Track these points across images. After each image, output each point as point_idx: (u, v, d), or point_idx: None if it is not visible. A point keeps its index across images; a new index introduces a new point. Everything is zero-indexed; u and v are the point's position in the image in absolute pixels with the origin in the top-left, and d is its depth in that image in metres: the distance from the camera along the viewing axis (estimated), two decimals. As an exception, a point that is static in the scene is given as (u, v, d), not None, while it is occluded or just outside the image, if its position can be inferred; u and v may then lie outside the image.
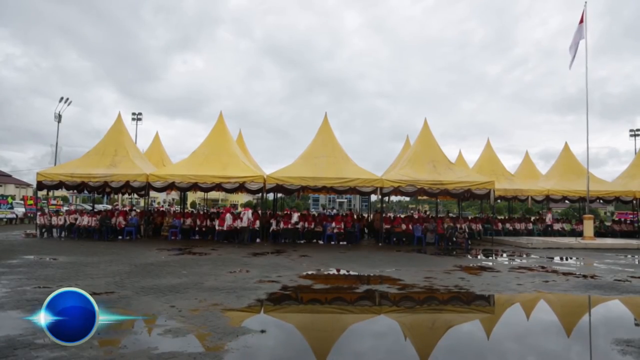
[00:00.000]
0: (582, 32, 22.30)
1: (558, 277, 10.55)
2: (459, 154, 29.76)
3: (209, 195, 34.93)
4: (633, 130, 49.81)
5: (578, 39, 22.57)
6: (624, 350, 5.07)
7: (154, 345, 4.84)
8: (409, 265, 12.41)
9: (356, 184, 19.18)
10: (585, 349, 5.43)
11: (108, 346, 4.81)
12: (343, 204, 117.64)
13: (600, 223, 28.85)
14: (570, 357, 5.11)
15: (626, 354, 4.94)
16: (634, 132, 49.61)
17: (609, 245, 19.96)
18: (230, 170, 19.24)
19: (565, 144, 28.26)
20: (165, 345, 4.83)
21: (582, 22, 22.31)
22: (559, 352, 5.23)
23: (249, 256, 13.70)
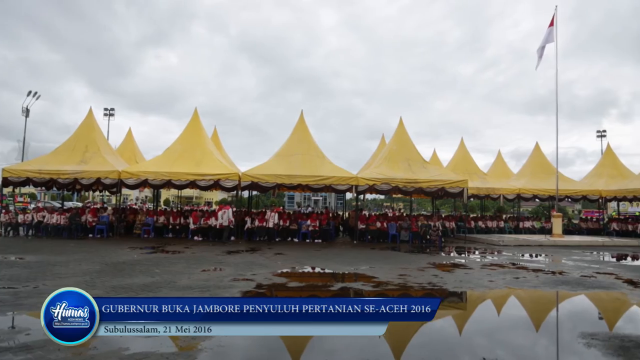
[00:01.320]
0: (551, 35, 22.78)
1: (528, 274, 10.76)
2: (433, 153, 30.10)
3: (183, 193, 34.49)
4: (599, 132, 51.30)
5: (546, 41, 23.04)
6: (589, 343, 5.23)
7: (125, 345, 4.74)
8: (384, 263, 12.48)
9: (332, 182, 19.19)
10: (552, 343, 5.56)
11: (77, 347, 4.69)
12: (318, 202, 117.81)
13: (568, 221, 29.62)
14: (538, 350, 5.21)
15: (591, 347, 5.08)
16: (600, 133, 51.08)
17: (576, 242, 20.48)
18: (205, 168, 19.03)
19: (536, 144, 28.87)
20: (137, 346, 4.74)
21: (552, 25, 22.79)
22: (527, 346, 5.33)
23: (223, 254, 13.58)
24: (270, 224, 19.12)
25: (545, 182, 25.57)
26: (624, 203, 32.64)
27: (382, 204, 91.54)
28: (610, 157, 29.84)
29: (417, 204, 63.79)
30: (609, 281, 9.96)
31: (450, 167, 26.82)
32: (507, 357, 4.65)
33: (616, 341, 5.31)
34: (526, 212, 42.65)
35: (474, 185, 23.92)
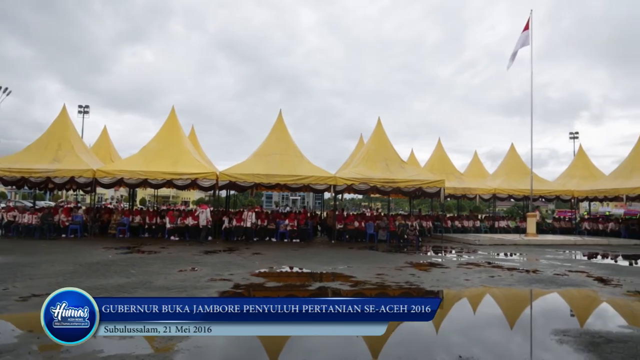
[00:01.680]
0: (526, 38, 23.18)
1: (503, 272, 10.94)
2: (411, 153, 30.36)
3: (160, 192, 34.04)
4: (572, 133, 52.61)
5: (521, 45, 23.45)
6: (561, 339, 5.35)
7: (99, 348, 4.66)
8: (361, 262, 12.54)
9: (310, 181, 19.20)
10: (526, 340, 5.66)
11: (49, 351, 4.59)
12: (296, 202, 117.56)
13: (542, 220, 30.21)
14: (512, 347, 5.30)
15: (563, 343, 5.20)
16: (572, 135, 52.36)
17: (549, 241, 20.91)
18: (182, 167, 18.83)
19: (511, 145, 29.38)
20: (111, 348, 4.66)
21: (526, 29, 23.20)
22: (502, 344, 5.43)
23: (200, 254, 13.46)
24: (247, 224, 19.03)
25: (520, 183, 26.04)
26: (595, 203, 33.50)
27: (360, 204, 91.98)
28: (582, 158, 30.58)
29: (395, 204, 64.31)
30: (580, 279, 10.19)
31: (428, 167, 27.08)
32: (482, 355, 4.71)
33: (587, 337, 5.44)
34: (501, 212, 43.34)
35: (451, 185, 24.21)
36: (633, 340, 5.36)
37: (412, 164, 25.34)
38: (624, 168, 25.47)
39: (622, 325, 6.29)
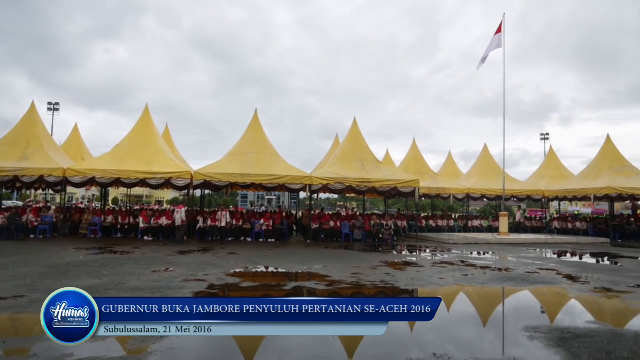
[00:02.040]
0: (498, 41, 23.56)
1: (476, 271, 11.12)
2: (386, 153, 30.56)
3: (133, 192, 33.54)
4: (543, 135, 53.87)
5: (494, 47, 23.83)
6: (532, 336, 5.47)
7: (69, 351, 4.56)
8: (337, 262, 12.57)
9: (285, 181, 19.16)
10: (498, 337, 5.77)
11: (15, 356, 4.47)
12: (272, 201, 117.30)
13: (513, 220, 30.81)
14: (484, 344, 5.39)
15: (534, 339, 5.32)
16: (543, 136, 53.60)
17: (521, 240, 21.33)
18: (156, 166, 18.56)
19: (484, 146, 29.87)
20: (82, 351, 4.57)
21: (499, 32, 23.59)
22: (475, 341, 5.51)
23: (174, 254, 13.30)
24: (222, 224, 18.87)
25: (493, 183, 26.50)
26: (564, 202, 34.27)
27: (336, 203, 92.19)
28: (552, 159, 31.33)
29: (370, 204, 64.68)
30: (550, 277, 10.43)
31: (403, 167, 27.31)
32: (456, 353, 4.78)
33: (556, 333, 5.57)
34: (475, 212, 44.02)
35: (426, 185, 24.47)
36: (599, 336, 5.51)
37: (388, 164, 25.52)
38: (591, 169, 26.21)
39: (590, 321, 6.46)
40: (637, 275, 10.98)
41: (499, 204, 29.13)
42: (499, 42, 23.46)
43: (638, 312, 7.21)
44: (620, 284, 9.48)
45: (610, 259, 15.18)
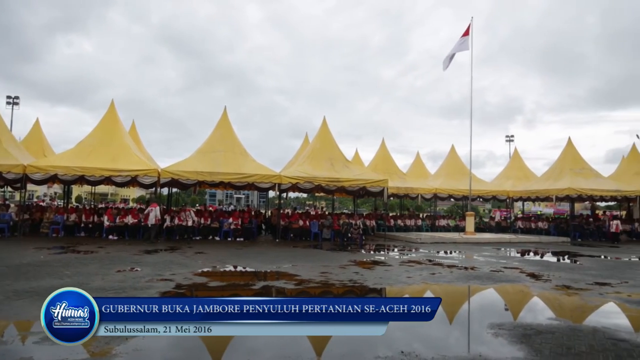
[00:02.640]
0: (465, 43, 23.96)
1: (443, 270, 11.31)
2: (355, 153, 30.75)
3: (97, 189, 32.69)
4: (508, 137, 55.19)
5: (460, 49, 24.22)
6: (497, 333, 5.60)
7: (27, 355, 4.42)
8: (306, 261, 12.58)
9: (254, 179, 19.05)
10: (464, 334, 5.89)
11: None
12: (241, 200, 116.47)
13: (479, 219, 31.48)
14: (450, 342, 5.48)
15: (499, 336, 5.44)
16: (508, 138, 54.94)
17: (486, 239, 21.81)
18: (122, 163, 18.14)
19: (451, 147, 30.40)
20: (42, 355, 4.43)
21: (466, 35, 23.99)
22: (441, 338, 5.60)
23: (140, 254, 13.05)
24: (188, 222, 18.59)
25: (460, 183, 27.00)
26: (528, 203, 35.23)
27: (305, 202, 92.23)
28: (517, 160, 32.15)
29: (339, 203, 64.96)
30: (514, 275, 10.70)
31: (372, 166, 27.53)
32: (423, 350, 4.85)
33: (520, 330, 5.72)
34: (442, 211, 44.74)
35: (394, 184, 24.73)
36: (560, 331, 5.69)
37: (357, 164, 25.68)
38: (553, 170, 27.04)
39: (551, 318, 6.66)
40: (595, 273, 11.38)
41: (465, 204, 29.70)
42: (466, 44, 23.86)
43: (595, 308, 7.47)
44: (579, 282, 9.80)
45: (570, 257, 15.68)
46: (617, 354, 4.85)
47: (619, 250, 18.65)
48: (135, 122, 25.26)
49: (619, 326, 6.18)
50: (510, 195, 28.08)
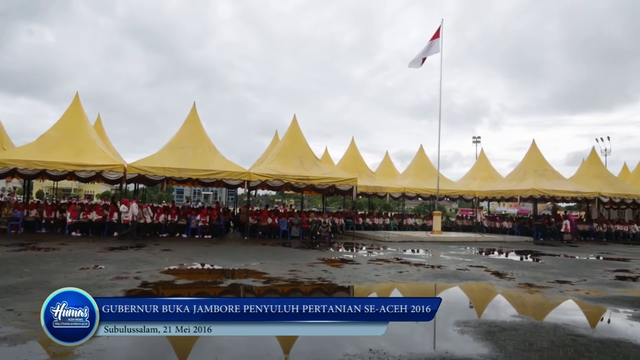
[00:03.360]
0: (436, 46, 24.29)
1: (411, 268, 11.45)
2: (325, 151, 30.81)
3: (60, 184, 31.76)
4: (475, 138, 56.22)
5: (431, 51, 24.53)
6: (463, 330, 5.71)
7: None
8: (274, 259, 12.53)
9: (223, 176, 18.86)
10: (430, 331, 5.96)
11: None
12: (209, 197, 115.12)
13: (446, 218, 32.02)
14: (417, 339, 5.55)
15: (464, 334, 5.55)
16: (475, 139, 55.97)
17: (453, 238, 22.19)
18: (86, 158, 17.66)
19: (420, 147, 30.85)
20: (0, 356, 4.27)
21: (436, 37, 24.32)
22: (408, 335, 5.66)
23: (105, 251, 12.75)
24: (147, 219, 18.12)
25: (428, 182, 27.41)
26: (493, 203, 36.03)
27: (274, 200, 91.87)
28: (483, 161, 32.87)
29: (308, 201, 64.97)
30: (479, 273, 10.93)
31: (341, 165, 27.65)
32: (391, 348, 4.89)
33: (485, 327, 5.84)
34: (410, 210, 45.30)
35: (363, 183, 24.90)
36: (523, 328, 5.84)
37: (326, 162, 25.77)
38: (518, 171, 27.75)
39: (514, 315, 6.82)
40: (556, 271, 11.73)
41: (433, 203, 30.15)
42: (436, 46, 24.19)
43: (556, 305, 7.70)
44: (541, 280, 10.09)
45: (533, 256, 16.11)
46: (575, 349, 5.01)
47: (578, 250, 19.28)
48: (100, 116, 24.63)
49: (577, 322, 6.39)
50: (477, 195, 28.68)
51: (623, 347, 5.15)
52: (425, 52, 24.59)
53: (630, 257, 16.38)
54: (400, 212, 34.04)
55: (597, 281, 10.28)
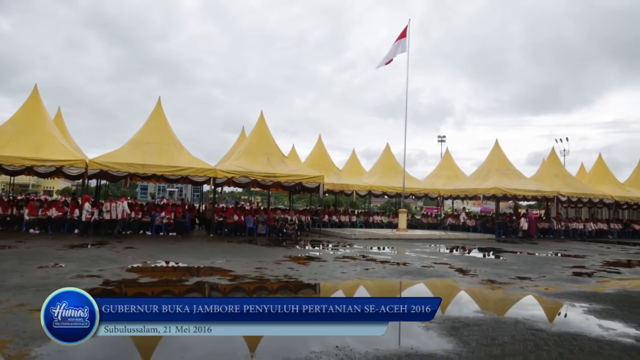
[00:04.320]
0: (402, 45, 24.56)
1: (376, 265, 11.56)
2: (292, 148, 30.73)
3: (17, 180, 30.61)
4: (440, 137, 57.32)
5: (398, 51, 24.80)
6: (427, 326, 5.79)
7: None
8: (240, 256, 12.45)
9: (189, 173, 18.57)
10: (395, 328, 6.03)
11: None
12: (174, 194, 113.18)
13: (411, 216, 32.48)
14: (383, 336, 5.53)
15: (429, 330, 5.64)
16: (440, 138, 57.06)
17: (418, 236, 22.54)
18: (45, 152, 17.05)
19: (386, 145, 31.18)
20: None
21: (402, 37, 24.59)
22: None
23: (65, 249, 12.38)
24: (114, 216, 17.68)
25: (394, 181, 27.73)
26: (457, 201, 36.74)
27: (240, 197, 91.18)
28: (448, 160, 33.47)
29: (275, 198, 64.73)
30: (444, 270, 11.13)
31: (308, 162, 27.66)
32: (356, 345, 4.93)
33: (449, 323, 5.96)
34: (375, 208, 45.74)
35: (330, 181, 24.97)
36: (485, 324, 5.98)
37: (293, 159, 25.72)
38: (481, 170, 28.38)
39: (477, 311, 6.98)
40: (517, 268, 12.07)
41: (398, 201, 30.53)
42: (403, 46, 24.46)
43: (516, 301, 7.91)
44: (502, 276, 10.36)
45: (495, 253, 16.53)
46: (535, 343, 5.17)
47: (537, 247, 19.87)
48: (61, 109, 23.82)
49: (537, 317, 6.59)
50: (441, 193, 29.20)
51: (579, 340, 5.35)
52: (392, 54, 24.83)
53: (586, 254, 17.00)
54: (366, 210, 34.34)
55: (555, 277, 10.62)
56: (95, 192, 23.89)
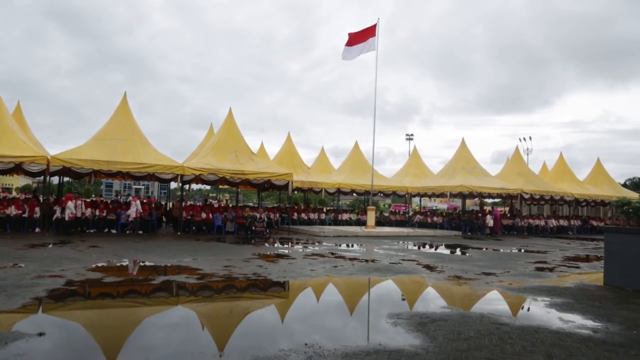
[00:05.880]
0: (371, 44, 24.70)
1: (345, 262, 11.61)
2: (261, 146, 30.55)
3: (-27, 177, 29.45)
4: (408, 135, 58.03)
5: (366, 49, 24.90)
6: (396, 322, 5.86)
7: None
8: (208, 255, 12.31)
9: (155, 170, 18.26)
10: (364, 324, 6.09)
11: None
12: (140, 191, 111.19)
13: (380, 214, 32.77)
14: (351, 332, 5.64)
15: (397, 325, 5.70)
16: (408, 136, 57.77)
17: (386, 233, 22.76)
18: (4, 148, 16.48)
19: (355, 143, 31.35)
20: None
21: (372, 36, 24.74)
22: (342, 329, 5.74)
23: (25, 248, 11.98)
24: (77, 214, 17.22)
25: (362, 178, 27.94)
26: (425, 198, 37.28)
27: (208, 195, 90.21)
28: (415, 158, 33.92)
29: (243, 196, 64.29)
30: (411, 267, 11.27)
31: (277, 160, 27.59)
32: (325, 341, 4.94)
33: (416, 318, 6.03)
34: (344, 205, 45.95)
35: (299, 178, 24.98)
36: (452, 319, 6.09)
37: (262, 157, 25.59)
38: (448, 169, 28.89)
39: (444, 306, 7.09)
40: (482, 264, 12.33)
41: (367, 199, 30.77)
42: (372, 45, 24.61)
43: (481, 296, 8.08)
44: (469, 272, 10.56)
45: (461, 249, 16.84)
46: (499, 336, 5.29)
47: (502, 243, 20.36)
48: (20, 104, 23.03)
49: (501, 312, 6.74)
50: (409, 191, 29.59)
51: (541, 333, 5.50)
52: (361, 50, 24.94)
53: (548, 250, 17.52)
54: (335, 207, 34.46)
55: (519, 272, 10.90)
56: (57, 189, 23.22)
